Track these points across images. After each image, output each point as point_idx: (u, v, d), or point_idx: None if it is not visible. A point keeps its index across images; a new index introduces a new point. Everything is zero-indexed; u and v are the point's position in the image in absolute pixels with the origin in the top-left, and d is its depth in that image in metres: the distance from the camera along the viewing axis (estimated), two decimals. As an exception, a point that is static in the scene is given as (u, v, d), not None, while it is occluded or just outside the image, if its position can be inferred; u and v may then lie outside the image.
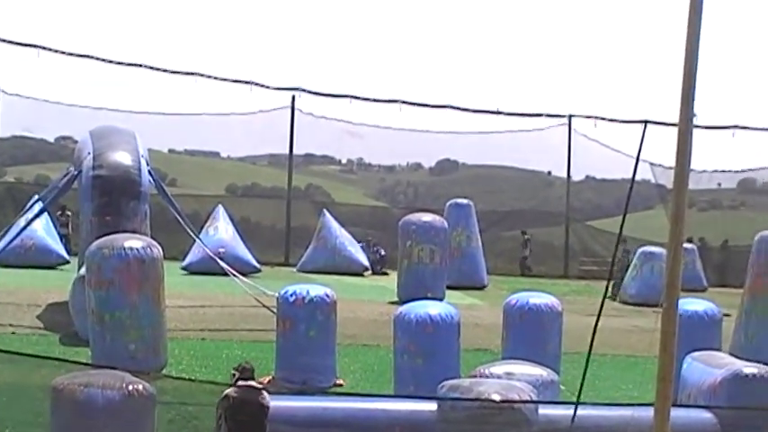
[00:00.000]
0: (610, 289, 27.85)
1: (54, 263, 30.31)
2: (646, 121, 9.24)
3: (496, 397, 13.31)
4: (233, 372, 11.67)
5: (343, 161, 46.72)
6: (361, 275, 32.19)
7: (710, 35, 8.29)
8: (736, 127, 14.54)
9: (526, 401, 13.42)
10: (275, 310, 18.57)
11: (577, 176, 38.24)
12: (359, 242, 33.54)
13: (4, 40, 11.09)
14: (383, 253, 33.65)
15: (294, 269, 31.66)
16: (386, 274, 32.02)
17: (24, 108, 35.44)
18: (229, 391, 11.37)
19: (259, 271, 29.83)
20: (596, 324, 9.97)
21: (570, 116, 33.95)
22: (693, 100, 7.54)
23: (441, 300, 23.06)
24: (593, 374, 10.74)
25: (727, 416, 14.38)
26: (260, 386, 11.93)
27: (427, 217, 27.49)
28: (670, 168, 7.85)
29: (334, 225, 33.13)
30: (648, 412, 8.18)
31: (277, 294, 18.56)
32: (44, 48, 11.23)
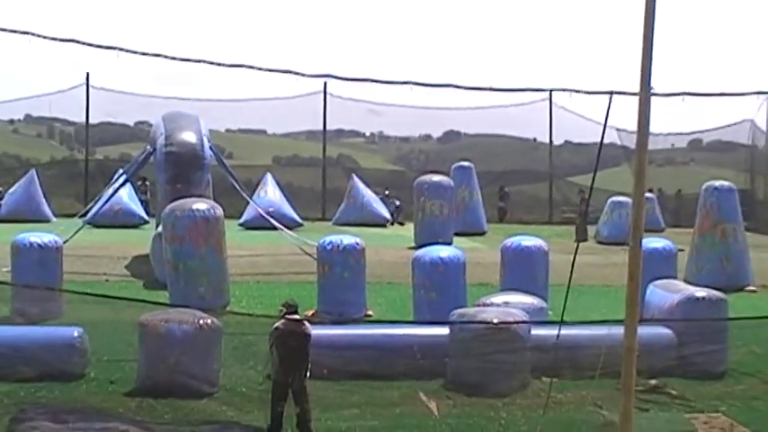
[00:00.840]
0: (575, 233, 28.21)
1: (137, 223, 30.06)
2: (611, 92, 9.17)
3: (496, 320, 13.36)
4: (281, 308, 11.68)
5: (367, 134, 46.76)
6: (384, 226, 31.90)
7: (665, 11, 8.21)
8: (685, 93, 14.43)
9: (520, 322, 13.49)
10: (316, 257, 18.44)
11: (558, 141, 38.41)
12: (377, 194, 33.29)
13: (90, 44, 11.09)
14: (398, 203, 33.33)
15: (330, 223, 31.36)
16: (402, 224, 31.82)
17: (108, 98, 35.52)
18: (278, 323, 11.39)
19: (302, 225, 29.55)
20: (574, 260, 9.97)
21: (551, 90, 33.73)
22: (650, 75, 7.50)
23: (449, 244, 22.95)
24: (574, 301, 10.71)
25: (681, 329, 14.46)
26: (304, 318, 11.95)
27: (437, 178, 27.39)
28: (633, 132, 7.80)
29: (361, 186, 32.97)
30: (620, 329, 8.17)
31: (317, 244, 18.40)
32: (123, 49, 11.22)
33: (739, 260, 22.10)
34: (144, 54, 11.55)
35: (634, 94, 7.55)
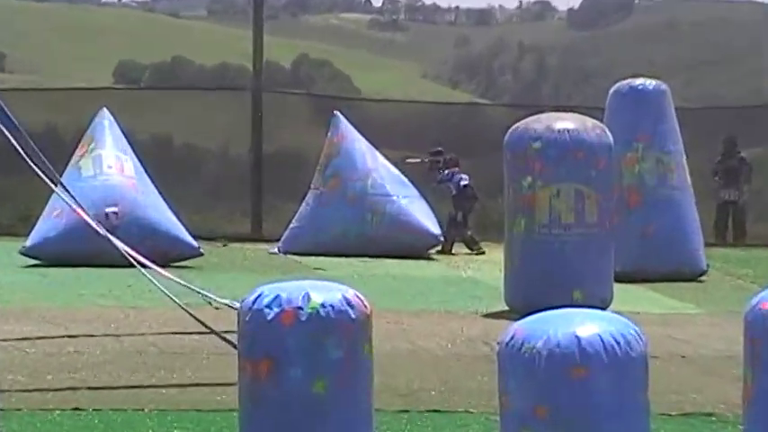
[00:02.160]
0: None
1: None
2: None
3: None
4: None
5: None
6: (424, 258, 15.28)
7: None
8: None
9: None
10: (234, 344, 6.16)
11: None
12: (405, 164, 16.40)
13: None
14: (464, 182, 16.23)
15: (273, 247, 15.49)
16: (478, 250, 15.67)
17: None
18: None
19: (200, 254, 13.64)
20: None
21: None
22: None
23: (602, 308, 8.66)
24: None
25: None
26: None
27: (569, 122, 10.29)
28: None
29: (362, 145, 15.70)
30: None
31: (238, 305, 4.98)
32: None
33: None
34: None
35: None
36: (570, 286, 9.74)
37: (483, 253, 15.60)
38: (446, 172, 16.16)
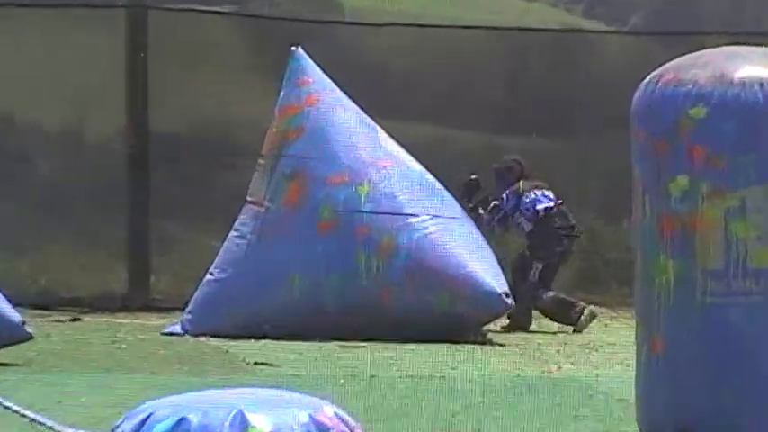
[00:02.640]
0: None
1: None
2: None
3: None
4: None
5: None
6: (477, 341, 12.69)
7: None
8: None
9: None
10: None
11: None
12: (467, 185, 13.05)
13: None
14: (545, 203, 12.96)
15: (172, 324, 13.12)
16: (584, 317, 13.03)
17: None
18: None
19: (26, 337, 11.17)
20: None
21: None
22: None
23: None
24: None
25: None
26: None
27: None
28: None
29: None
30: None
31: None
32: None
33: None
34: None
35: None
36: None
37: (593, 318, 11.94)
38: (505, 197, 12.05)
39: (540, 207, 11.97)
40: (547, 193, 11.96)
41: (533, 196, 11.97)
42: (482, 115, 13.70)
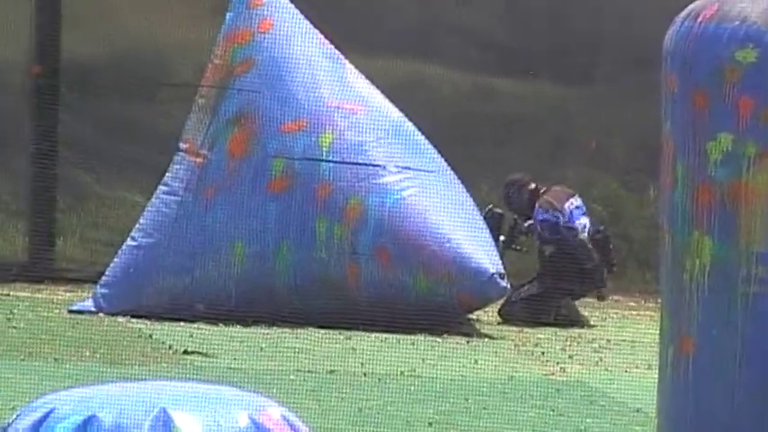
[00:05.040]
0: None
1: None
2: None
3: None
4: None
5: None
6: (463, 332, 12.94)
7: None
8: None
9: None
10: None
11: None
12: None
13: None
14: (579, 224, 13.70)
15: (82, 301, 13.22)
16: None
17: None
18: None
19: None
20: None
21: None
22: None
23: None
24: None
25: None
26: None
27: None
28: None
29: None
30: None
31: None
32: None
33: None
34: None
35: None
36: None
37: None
38: (538, 213, 12.30)
39: (579, 223, 12.02)
40: (579, 204, 12.02)
41: (568, 210, 12.00)
42: (471, 50, 13.87)
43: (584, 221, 12.12)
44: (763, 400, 7.30)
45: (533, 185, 12.25)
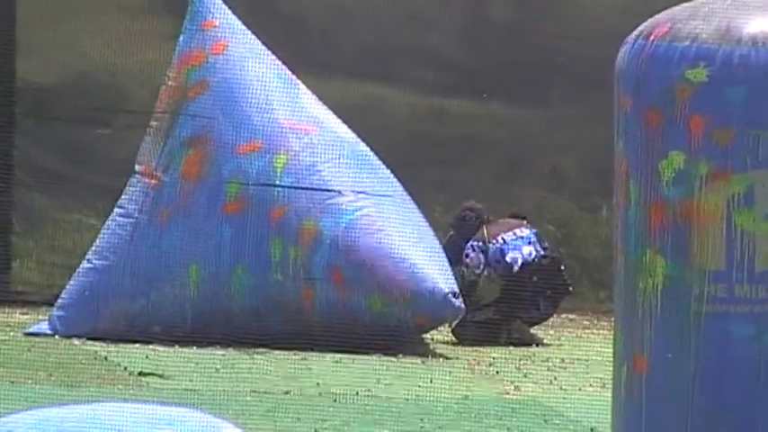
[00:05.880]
0: None
1: None
2: None
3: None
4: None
5: None
6: (417, 353, 13.21)
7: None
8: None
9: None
10: None
11: None
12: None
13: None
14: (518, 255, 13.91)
15: (37, 324, 13.39)
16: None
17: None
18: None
19: None
20: None
21: None
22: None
23: None
24: None
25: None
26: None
27: None
28: None
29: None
30: None
31: None
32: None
33: None
34: None
35: None
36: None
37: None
38: (470, 250, 12.41)
39: (514, 255, 12.13)
40: (523, 233, 12.06)
41: (500, 243, 12.12)
42: (427, 71, 14.02)
43: (526, 251, 12.11)
44: (716, 420, 7.30)
45: (485, 216, 12.22)
